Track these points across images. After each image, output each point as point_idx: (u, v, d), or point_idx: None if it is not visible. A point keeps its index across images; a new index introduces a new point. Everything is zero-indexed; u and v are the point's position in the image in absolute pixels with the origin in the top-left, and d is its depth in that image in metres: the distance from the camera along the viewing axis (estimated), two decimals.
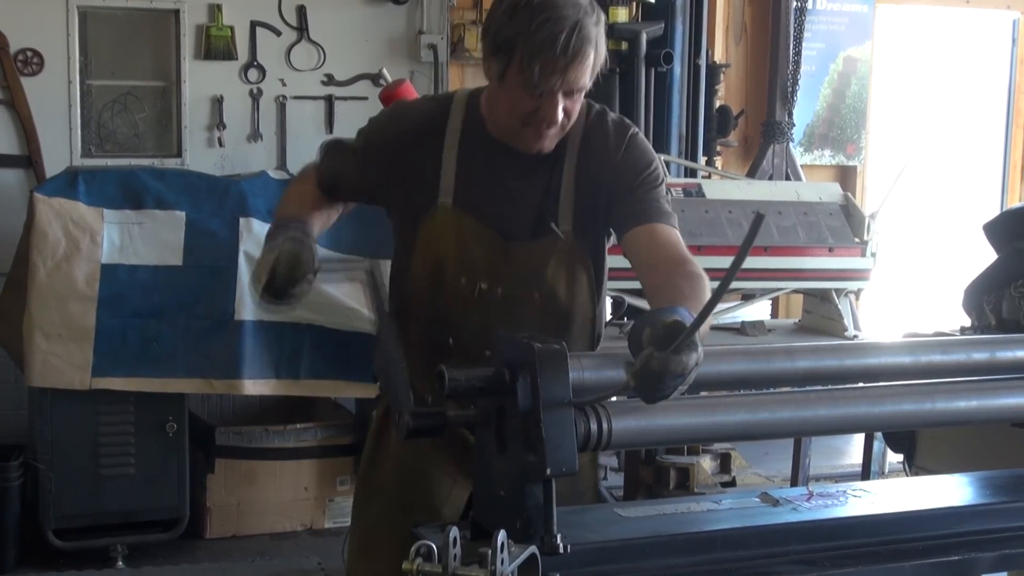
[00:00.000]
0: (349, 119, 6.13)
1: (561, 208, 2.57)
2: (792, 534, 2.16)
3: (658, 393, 1.93)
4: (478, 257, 2.55)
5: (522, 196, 2.57)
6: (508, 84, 2.40)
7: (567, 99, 2.41)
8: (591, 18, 2.36)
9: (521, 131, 2.47)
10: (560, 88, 2.37)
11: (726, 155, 6.91)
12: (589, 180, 2.57)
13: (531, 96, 2.38)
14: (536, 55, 2.32)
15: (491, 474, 2.03)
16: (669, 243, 2.51)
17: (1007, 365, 2.39)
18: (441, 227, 2.56)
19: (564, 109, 2.41)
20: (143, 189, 5.09)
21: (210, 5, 5.92)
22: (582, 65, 2.36)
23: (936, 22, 7.79)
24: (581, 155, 2.56)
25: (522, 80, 2.36)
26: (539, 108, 2.40)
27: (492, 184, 2.56)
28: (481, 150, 2.55)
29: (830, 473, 6.16)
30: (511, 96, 2.42)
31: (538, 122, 2.43)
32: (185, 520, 5.20)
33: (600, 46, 2.39)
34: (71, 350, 4.87)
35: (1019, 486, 2.47)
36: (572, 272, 2.59)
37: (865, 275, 5.03)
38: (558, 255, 2.57)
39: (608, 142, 2.58)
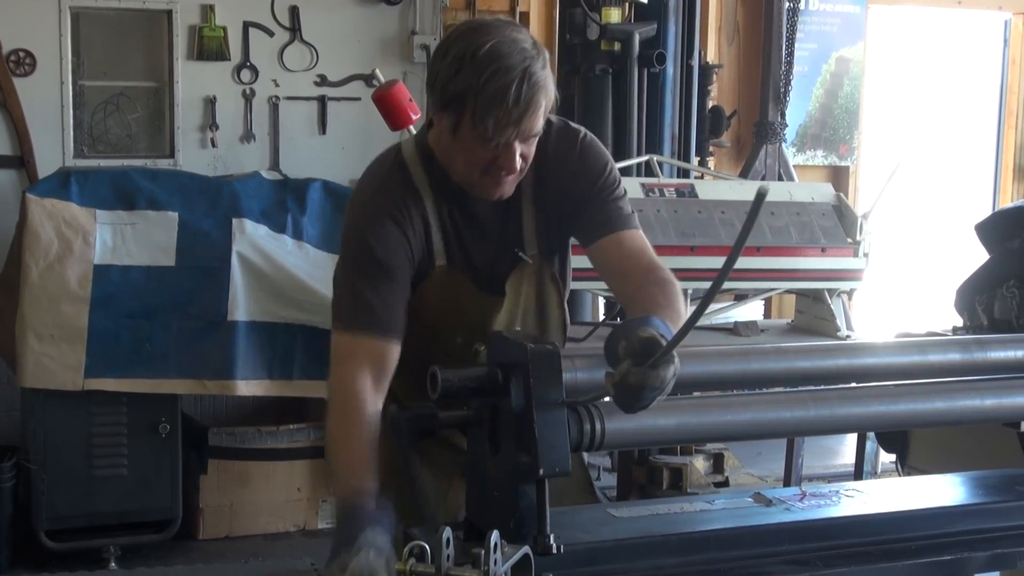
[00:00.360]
0: (342, 120, 6.13)
1: (526, 235, 2.55)
2: (785, 534, 2.17)
3: (636, 405, 1.92)
4: (473, 319, 2.53)
5: (494, 233, 2.54)
6: (462, 138, 2.34)
7: (524, 144, 2.35)
8: (538, 62, 2.29)
9: (480, 180, 2.42)
10: (516, 138, 2.32)
11: (719, 155, 6.91)
12: (548, 196, 2.54)
13: (486, 148, 2.33)
14: (488, 110, 2.26)
15: (484, 474, 2.03)
16: (636, 249, 2.48)
17: (999, 365, 2.39)
18: (438, 290, 2.52)
19: (521, 155, 2.37)
20: (136, 190, 5.08)
21: (203, 6, 5.91)
22: (536, 113, 2.30)
23: (928, 23, 7.80)
24: (536, 173, 2.50)
25: (476, 135, 2.30)
26: (496, 158, 2.35)
27: (470, 230, 2.53)
28: (455, 202, 2.51)
29: (823, 473, 6.17)
30: (466, 149, 2.36)
31: (496, 171, 2.38)
32: (178, 521, 5.19)
33: (550, 88, 2.33)
34: (64, 351, 4.86)
35: (1011, 486, 2.48)
36: (543, 295, 2.59)
37: (857, 275, 5.03)
38: (528, 280, 2.56)
39: (560, 152, 2.53)
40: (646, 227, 2.79)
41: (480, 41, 2.27)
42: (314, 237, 5.31)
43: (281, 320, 5.10)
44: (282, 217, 5.28)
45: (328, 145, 6.13)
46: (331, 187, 5.53)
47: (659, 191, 4.93)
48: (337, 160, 6.05)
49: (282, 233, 5.24)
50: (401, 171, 2.52)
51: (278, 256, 5.13)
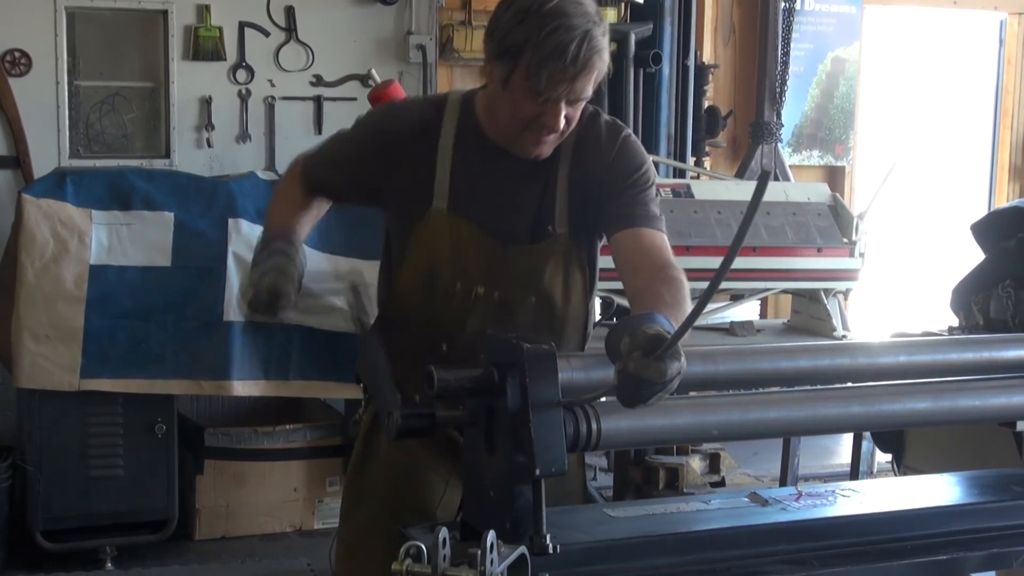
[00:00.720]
0: (338, 120, 6.12)
1: (557, 211, 2.56)
2: (781, 534, 2.17)
3: (636, 399, 1.92)
4: (474, 262, 2.54)
5: (518, 200, 2.56)
6: (512, 89, 2.39)
7: (570, 107, 2.40)
8: (599, 28, 2.35)
9: (520, 136, 2.46)
10: (565, 96, 2.36)
11: (715, 156, 6.92)
12: (583, 182, 2.57)
13: (534, 103, 2.37)
14: (545, 63, 2.31)
15: (480, 474, 2.03)
16: (654, 247, 2.50)
17: (995, 365, 2.40)
18: (436, 232, 2.54)
19: (566, 117, 2.41)
20: (131, 190, 5.08)
21: (198, 6, 5.91)
22: (589, 75, 2.36)
23: (924, 23, 7.81)
24: (575, 158, 2.56)
25: (527, 87, 2.35)
26: (542, 114, 2.39)
27: (488, 188, 2.54)
28: (477, 153, 2.54)
29: (819, 473, 6.18)
30: (513, 101, 2.40)
31: (539, 128, 2.42)
32: (174, 521, 5.19)
33: (606, 56, 2.38)
34: (59, 351, 4.86)
35: (1006, 485, 2.48)
36: (568, 274, 2.59)
37: (853, 275, 5.03)
38: (555, 257, 2.56)
39: (601, 144, 2.57)
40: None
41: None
42: (310, 237, 5.29)
43: (277, 320, 5.09)
44: None
45: None
46: None
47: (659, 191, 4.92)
48: None
49: None
50: (436, 105, 2.61)
51: None
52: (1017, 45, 7.82)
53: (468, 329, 2.53)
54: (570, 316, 2.62)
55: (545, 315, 2.57)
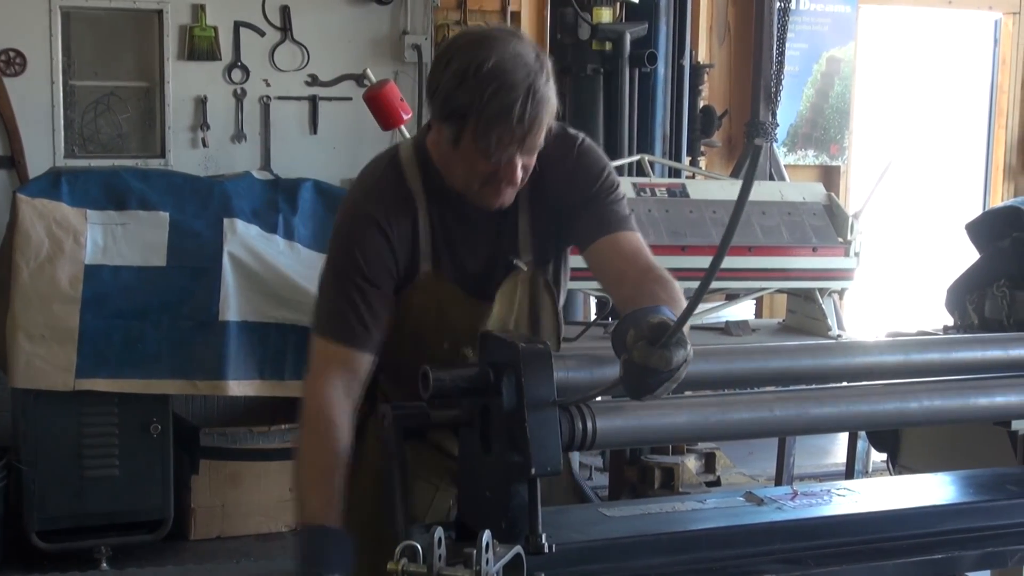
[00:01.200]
0: (333, 120, 6.13)
1: (521, 243, 2.53)
2: (776, 533, 2.17)
3: (643, 389, 1.90)
4: (460, 324, 2.51)
5: (487, 241, 2.53)
6: (463, 150, 2.32)
7: (526, 157, 2.34)
8: (542, 77, 2.26)
9: (480, 191, 2.39)
10: (518, 154, 2.30)
11: (710, 155, 6.92)
12: (543, 206, 2.52)
13: (488, 162, 2.31)
14: (491, 127, 2.23)
15: (476, 474, 2.03)
16: (634, 251, 2.45)
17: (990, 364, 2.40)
18: (423, 297, 2.50)
19: (523, 166, 2.35)
20: (126, 190, 5.08)
21: (193, 5, 5.91)
22: (539, 131, 2.28)
23: (918, 22, 7.81)
24: (532, 184, 2.47)
25: (478, 149, 2.28)
26: (498, 171, 2.33)
27: (461, 236, 2.51)
28: (449, 207, 2.49)
29: (814, 472, 6.18)
30: (467, 161, 2.33)
31: (497, 183, 2.36)
32: (169, 521, 5.19)
33: (552, 102, 2.30)
34: (55, 351, 4.86)
35: (1001, 485, 2.48)
36: (536, 301, 2.58)
37: (848, 275, 5.04)
38: (522, 287, 2.54)
39: (556, 159, 2.49)
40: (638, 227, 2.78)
41: (483, 56, 2.23)
42: (305, 237, 5.30)
43: (272, 320, 5.09)
44: (273, 217, 5.28)
45: (319, 145, 6.13)
46: (322, 187, 5.53)
47: (650, 191, 4.93)
48: (328, 160, 6.06)
49: (273, 233, 5.23)
50: (396, 174, 2.50)
51: (269, 256, 5.13)
52: (1012, 45, 7.83)
53: None
54: (542, 334, 2.61)
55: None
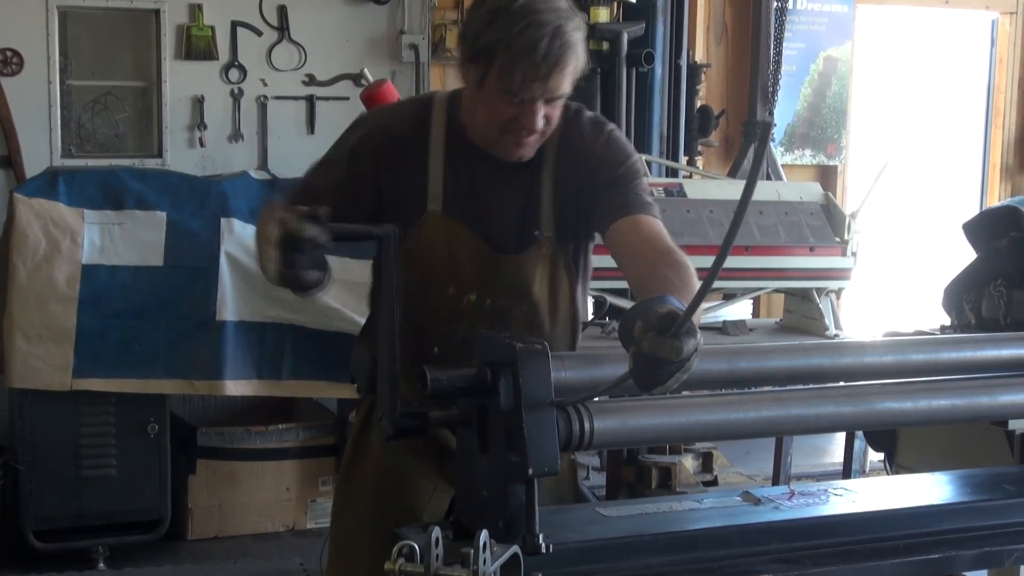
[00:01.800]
0: (330, 119, 6.12)
1: (543, 214, 2.55)
2: (774, 533, 2.17)
3: (653, 380, 1.89)
4: (467, 267, 2.52)
5: (506, 204, 2.54)
6: (487, 91, 2.36)
7: (548, 106, 2.37)
8: (572, 23, 2.32)
9: (500, 139, 2.43)
10: (541, 96, 2.34)
11: (707, 155, 6.92)
12: (568, 182, 2.55)
13: (511, 103, 2.35)
14: (517, 62, 2.28)
15: (473, 474, 2.03)
16: (653, 234, 2.47)
17: (987, 364, 2.40)
18: (431, 235, 2.52)
19: (545, 116, 2.38)
20: (124, 189, 5.07)
21: (191, 5, 5.90)
22: (563, 72, 2.32)
23: (915, 22, 7.82)
24: (559, 158, 2.53)
25: (502, 87, 2.32)
26: (519, 115, 2.37)
27: (478, 192, 2.53)
28: (464, 157, 2.52)
29: (811, 472, 6.18)
30: (490, 103, 2.38)
31: (518, 129, 2.39)
32: (166, 521, 5.18)
33: (581, 52, 2.35)
34: (52, 351, 4.85)
35: (998, 484, 2.49)
36: (555, 279, 2.58)
37: (846, 274, 5.04)
38: (542, 263, 2.55)
39: (585, 141, 2.55)
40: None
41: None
42: None
43: (270, 320, 5.09)
44: None
45: (316, 145, 6.10)
46: None
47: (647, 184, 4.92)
48: None
49: None
50: (424, 108, 2.56)
51: None
52: (1008, 45, 7.84)
53: (459, 335, 2.51)
54: (559, 319, 2.61)
55: (535, 323, 2.56)
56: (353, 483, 2.73)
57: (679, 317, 1.85)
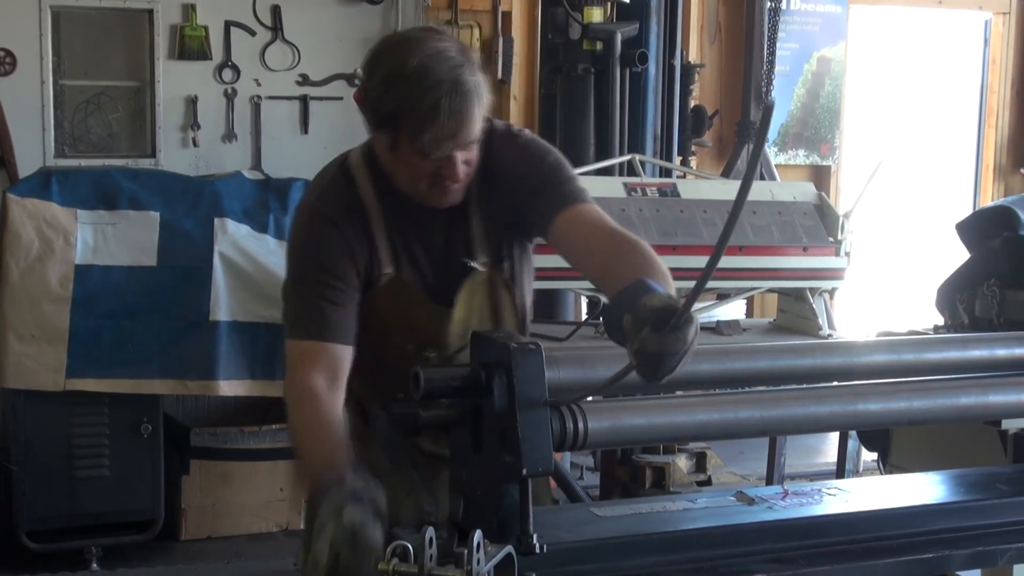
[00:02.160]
0: (324, 119, 6.12)
1: (475, 244, 2.53)
2: (767, 532, 2.17)
3: (662, 372, 1.88)
4: (424, 326, 2.52)
5: (444, 244, 2.53)
6: (402, 153, 2.34)
7: (465, 152, 2.35)
8: (467, 69, 2.28)
9: (428, 192, 2.40)
10: (455, 149, 2.31)
11: (701, 155, 6.92)
12: (494, 204, 2.52)
13: (428, 160, 2.32)
14: (422, 127, 2.26)
15: (467, 474, 2.03)
16: (596, 221, 2.43)
17: (980, 363, 2.40)
18: (386, 298, 2.50)
19: (464, 162, 2.36)
20: (117, 189, 5.07)
21: (184, 5, 5.90)
22: (471, 122, 2.29)
23: (909, 22, 7.83)
24: (482, 180, 2.48)
25: (415, 151, 2.30)
26: (439, 169, 2.34)
27: (418, 240, 2.52)
28: (402, 211, 2.50)
29: (805, 472, 6.19)
30: (408, 164, 2.36)
31: (441, 181, 2.37)
32: (160, 522, 5.18)
33: (483, 93, 2.31)
34: (45, 351, 4.85)
35: (991, 484, 2.49)
36: (496, 302, 2.57)
37: (839, 274, 5.04)
38: (480, 288, 2.54)
39: (503, 160, 2.50)
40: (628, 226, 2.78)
41: (405, 58, 2.27)
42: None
43: (263, 320, 5.08)
44: (264, 217, 5.27)
45: (310, 145, 6.12)
46: None
47: (641, 191, 4.93)
48: (319, 160, 5.90)
49: (264, 233, 5.23)
50: (345, 179, 2.52)
51: (260, 256, 5.12)
52: (1002, 45, 7.85)
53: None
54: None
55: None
56: None
57: (676, 309, 1.85)
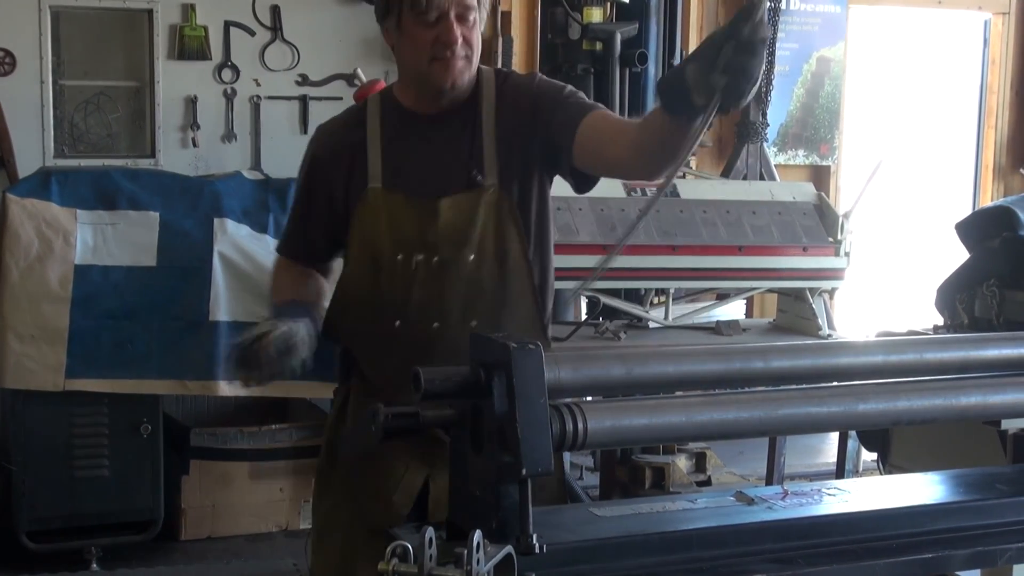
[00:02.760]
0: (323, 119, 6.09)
1: (486, 159, 2.60)
2: (767, 533, 2.17)
3: (752, 76, 2.00)
4: (410, 230, 2.58)
5: (448, 159, 2.61)
6: (405, 28, 2.52)
7: (462, 25, 2.51)
8: None
9: (430, 69, 2.54)
10: (450, 7, 2.48)
11: (700, 155, 6.92)
12: (510, 126, 2.61)
13: (428, 27, 2.49)
14: None
15: (466, 474, 2.03)
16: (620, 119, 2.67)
17: (979, 363, 2.40)
18: (372, 210, 2.60)
19: (463, 36, 2.51)
20: (116, 190, 5.07)
21: (183, 5, 5.90)
22: None
23: (908, 23, 7.83)
24: (498, 105, 2.62)
25: (415, 15, 2.48)
26: (439, 36, 2.50)
27: (419, 155, 2.61)
28: (402, 126, 2.62)
29: (805, 472, 6.19)
30: (411, 38, 2.53)
31: (442, 51, 2.51)
32: (160, 522, 5.18)
33: None
34: (44, 351, 4.85)
35: (991, 484, 2.49)
36: (501, 228, 2.60)
37: (839, 274, 5.05)
38: (485, 209, 2.58)
39: (519, 86, 2.66)
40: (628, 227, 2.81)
41: None
42: None
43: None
44: (264, 217, 5.27)
45: None
46: None
47: (641, 191, 4.93)
48: None
49: (264, 233, 5.22)
50: (356, 108, 2.75)
51: (260, 256, 5.12)
52: (1001, 45, 7.85)
53: (414, 299, 2.57)
54: (511, 273, 2.62)
55: (485, 273, 2.59)
56: (327, 470, 2.76)
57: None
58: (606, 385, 2.11)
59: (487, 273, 2.58)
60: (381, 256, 2.58)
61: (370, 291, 2.60)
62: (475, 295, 2.57)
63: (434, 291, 2.54)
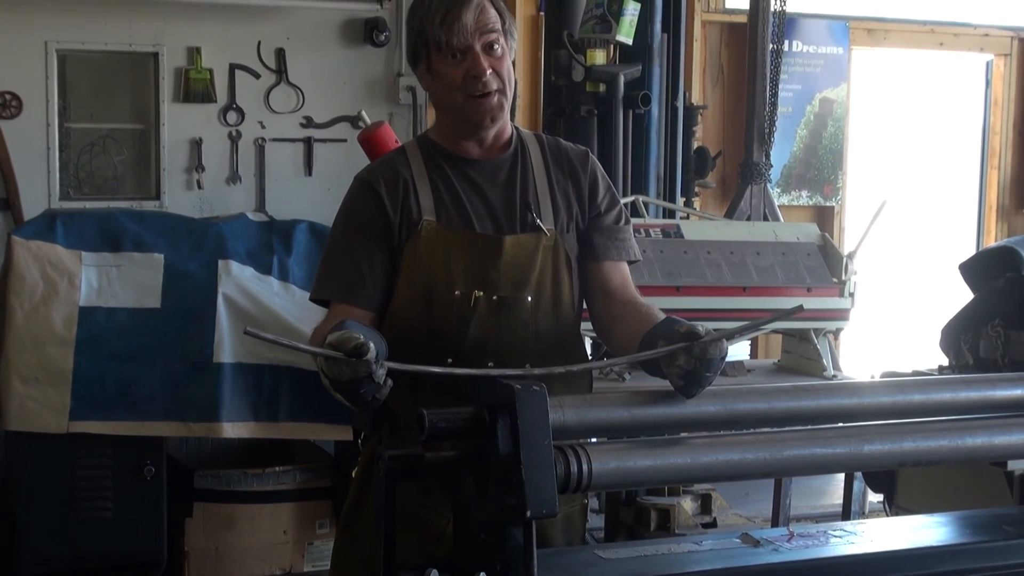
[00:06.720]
0: (328, 161, 6.15)
1: (542, 208, 2.63)
2: (773, 575, 2.16)
3: (702, 382, 2.13)
4: (470, 265, 2.56)
5: (500, 201, 2.62)
6: (436, 69, 2.56)
7: (489, 55, 2.54)
8: None
9: (465, 107, 2.56)
10: (474, 39, 2.51)
11: (704, 196, 6.94)
12: (560, 189, 2.66)
13: (456, 63, 2.52)
14: (439, 22, 2.50)
15: (471, 516, 2.02)
16: (628, 282, 2.72)
17: (985, 404, 2.40)
18: (428, 242, 2.57)
19: (490, 65, 2.53)
20: (121, 231, 5.07)
21: (189, 48, 5.94)
22: (485, 10, 2.53)
23: (911, 64, 7.86)
24: (548, 161, 2.68)
25: (442, 56, 2.53)
26: (468, 71, 2.52)
27: (470, 194, 2.61)
28: (448, 168, 2.63)
29: (811, 513, 6.16)
30: (443, 79, 2.55)
31: (473, 85, 2.53)
32: (163, 565, 5.15)
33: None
34: (48, 393, 4.84)
35: (998, 525, 2.48)
36: (556, 272, 2.62)
37: (843, 315, 5.04)
38: (543, 253, 2.60)
39: (573, 159, 2.70)
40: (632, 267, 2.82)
41: None
42: (300, 278, 5.29)
43: (267, 362, 5.07)
44: (268, 258, 5.27)
45: (314, 186, 6.15)
46: (317, 228, 5.52)
47: (645, 231, 4.94)
48: (323, 201, 6.06)
49: (268, 274, 5.23)
50: (396, 152, 2.73)
51: (264, 297, 5.12)
52: (1003, 86, 7.88)
53: (471, 335, 2.54)
54: (564, 318, 2.64)
55: (541, 315, 2.60)
56: (355, 527, 2.71)
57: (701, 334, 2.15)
58: (611, 427, 2.11)
59: (543, 315, 2.59)
60: (435, 290, 2.56)
61: (423, 322, 2.56)
62: (531, 336, 2.57)
63: (491, 329, 2.53)
